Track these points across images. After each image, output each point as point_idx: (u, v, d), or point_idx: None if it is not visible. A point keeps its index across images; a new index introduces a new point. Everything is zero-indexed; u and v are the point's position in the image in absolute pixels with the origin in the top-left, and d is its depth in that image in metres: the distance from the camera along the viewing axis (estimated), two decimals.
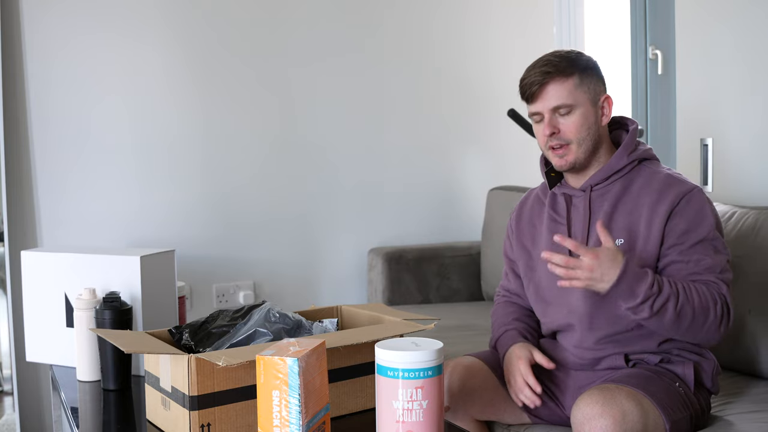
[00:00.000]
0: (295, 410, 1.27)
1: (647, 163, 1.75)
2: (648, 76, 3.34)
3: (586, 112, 1.71)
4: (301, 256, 3.17)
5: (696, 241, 1.64)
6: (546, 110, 1.71)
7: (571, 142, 1.71)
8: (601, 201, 1.74)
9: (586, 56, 1.76)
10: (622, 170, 1.74)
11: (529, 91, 1.72)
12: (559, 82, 1.69)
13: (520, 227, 1.91)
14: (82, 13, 2.80)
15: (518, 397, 1.74)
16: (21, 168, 2.77)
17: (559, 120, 1.71)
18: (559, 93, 1.70)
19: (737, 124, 2.45)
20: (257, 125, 3.08)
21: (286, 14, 3.11)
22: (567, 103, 1.69)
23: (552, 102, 1.70)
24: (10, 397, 2.92)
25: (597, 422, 1.52)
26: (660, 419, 1.57)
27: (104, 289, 1.93)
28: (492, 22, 3.44)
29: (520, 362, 1.73)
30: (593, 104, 1.72)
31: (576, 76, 1.70)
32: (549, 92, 1.70)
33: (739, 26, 2.43)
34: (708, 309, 1.58)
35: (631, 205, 1.71)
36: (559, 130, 1.71)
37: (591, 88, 1.72)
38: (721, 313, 1.60)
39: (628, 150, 1.74)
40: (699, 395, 1.70)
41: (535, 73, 1.71)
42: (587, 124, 1.71)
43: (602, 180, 1.74)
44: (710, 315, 1.58)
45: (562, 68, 1.70)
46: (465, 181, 3.42)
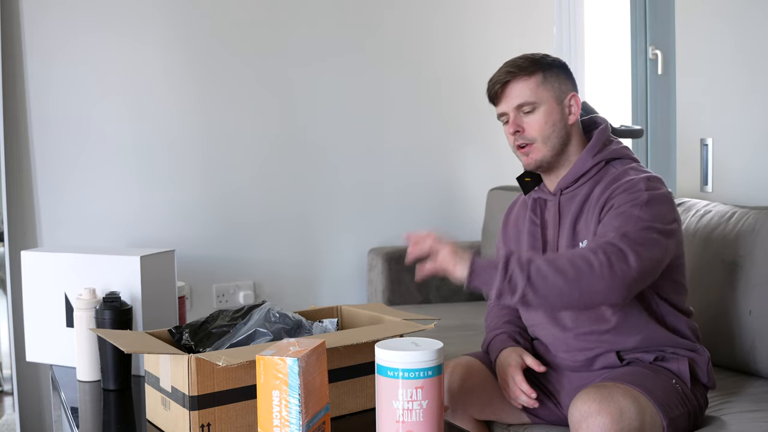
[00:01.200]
0: (295, 410, 1.27)
1: (615, 162, 1.73)
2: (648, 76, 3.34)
3: (550, 110, 1.72)
4: (301, 256, 3.17)
5: (618, 213, 1.59)
6: (510, 109, 1.73)
7: (535, 141, 1.72)
8: (570, 204, 1.74)
9: (553, 57, 1.77)
10: (588, 172, 1.73)
11: (492, 91, 1.76)
12: (521, 81, 1.72)
13: (506, 231, 1.93)
14: (82, 13, 2.80)
15: (516, 402, 1.75)
16: (21, 168, 2.77)
17: (523, 118, 1.73)
18: (522, 91, 1.72)
19: (737, 124, 2.45)
20: (257, 125, 3.08)
21: (286, 14, 3.11)
22: (529, 100, 1.71)
23: (515, 101, 1.72)
24: (10, 397, 2.92)
25: (594, 420, 1.52)
26: (657, 416, 1.57)
27: (104, 289, 1.93)
28: (492, 22, 3.44)
29: (510, 369, 1.73)
30: (558, 102, 1.73)
31: (539, 75, 1.72)
32: (512, 91, 1.73)
33: (739, 26, 2.43)
34: (587, 257, 1.49)
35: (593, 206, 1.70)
36: (524, 128, 1.72)
37: (556, 86, 1.73)
38: (606, 256, 1.48)
39: (592, 152, 1.73)
40: (696, 391, 1.70)
41: (498, 74, 1.75)
42: (551, 122, 1.72)
43: (571, 183, 1.74)
44: (594, 262, 1.48)
45: (524, 67, 1.73)
46: (465, 181, 3.42)
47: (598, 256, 1.50)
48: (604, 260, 1.49)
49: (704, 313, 2.08)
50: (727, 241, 2.08)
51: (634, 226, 1.56)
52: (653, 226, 1.57)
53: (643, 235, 1.55)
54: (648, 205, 1.59)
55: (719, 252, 2.09)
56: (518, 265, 1.48)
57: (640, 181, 1.64)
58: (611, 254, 1.50)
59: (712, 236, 2.13)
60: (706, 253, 2.13)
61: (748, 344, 2.01)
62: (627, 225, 1.56)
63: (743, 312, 2.01)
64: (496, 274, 1.47)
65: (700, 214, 2.22)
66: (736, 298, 2.03)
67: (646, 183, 1.63)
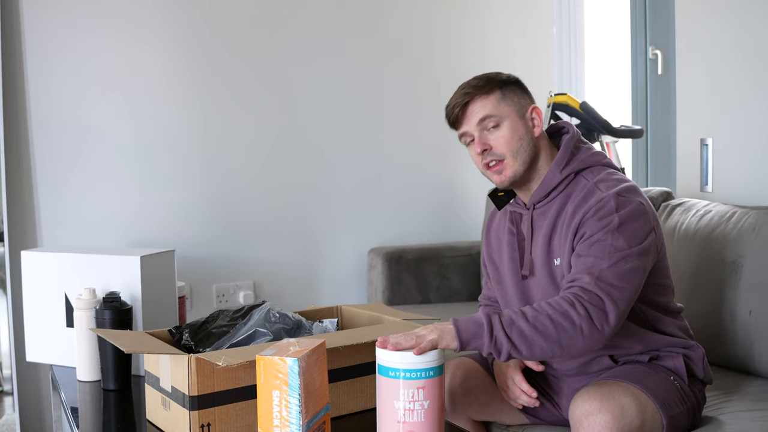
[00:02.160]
0: (295, 410, 1.27)
1: (585, 173, 1.71)
2: (648, 76, 3.34)
3: (515, 124, 1.69)
4: (301, 256, 3.17)
5: (591, 243, 1.59)
6: (473, 128, 1.70)
7: (505, 157, 1.69)
8: (542, 219, 1.72)
9: (506, 73, 1.75)
10: (558, 186, 1.70)
11: (452, 114, 1.72)
12: (480, 99, 1.70)
13: (489, 240, 1.90)
14: (82, 12, 2.80)
15: (516, 403, 1.75)
16: (21, 168, 2.76)
17: (488, 136, 1.70)
18: (483, 107, 1.69)
19: (737, 124, 2.45)
20: (257, 125, 3.08)
21: (286, 14, 3.11)
22: (492, 114, 1.69)
23: (477, 117, 1.69)
24: (10, 397, 2.92)
25: (595, 418, 1.52)
26: (658, 414, 1.57)
27: (104, 289, 1.93)
28: (492, 22, 3.44)
29: (509, 369, 1.74)
30: (520, 117, 1.71)
31: (497, 92, 1.70)
32: (473, 110, 1.70)
33: (739, 26, 2.43)
34: (567, 313, 1.50)
35: (565, 221, 1.68)
36: (491, 146, 1.69)
37: (515, 101, 1.71)
38: (585, 311, 1.50)
39: (560, 165, 1.70)
40: (693, 387, 1.71)
41: (455, 97, 1.72)
42: (518, 136, 1.69)
43: (542, 198, 1.72)
44: (574, 319, 1.49)
45: (480, 86, 1.71)
46: (465, 181, 3.42)
47: (578, 310, 1.50)
48: (584, 315, 1.50)
49: (704, 313, 2.08)
50: (727, 241, 2.08)
51: (608, 260, 1.55)
52: (628, 253, 1.56)
53: (618, 271, 1.55)
54: (620, 229, 1.58)
55: (719, 252, 2.09)
56: (501, 329, 1.48)
57: (611, 200, 1.60)
58: (590, 308, 1.50)
59: (712, 236, 2.12)
60: (706, 253, 2.13)
61: (748, 344, 2.01)
62: (601, 260, 1.55)
63: (743, 312, 2.01)
64: (482, 339, 1.48)
65: (700, 214, 2.22)
66: (736, 298, 2.03)
67: (616, 200, 1.60)
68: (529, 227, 1.74)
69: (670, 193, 2.48)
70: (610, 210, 1.59)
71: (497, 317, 1.49)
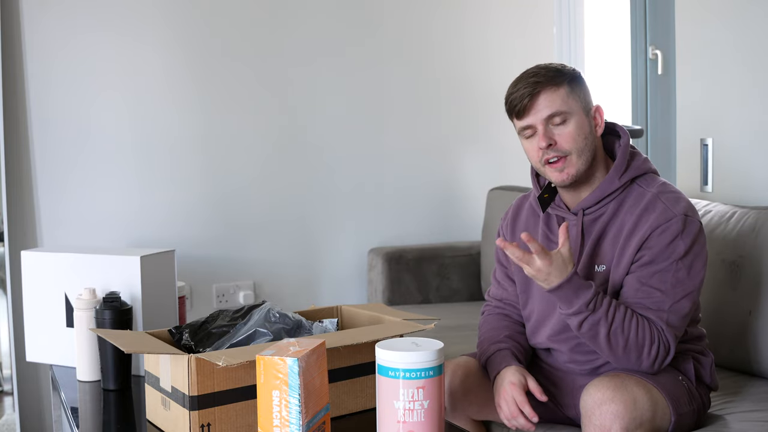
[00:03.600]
0: (295, 410, 1.27)
1: (640, 180, 1.69)
2: (648, 76, 3.34)
3: (581, 121, 1.65)
4: (301, 256, 3.17)
5: (656, 270, 1.60)
6: (539, 122, 1.63)
7: (570, 153, 1.63)
8: (593, 226, 1.69)
9: (570, 67, 1.71)
10: (614, 193, 1.68)
11: (520, 104, 1.64)
12: (551, 91, 1.63)
13: (515, 237, 1.85)
14: (82, 12, 2.80)
15: (511, 423, 1.67)
16: (21, 168, 2.76)
17: (553, 131, 1.63)
18: (553, 101, 1.63)
19: (737, 124, 2.45)
20: (257, 125, 3.08)
21: (287, 14, 3.10)
22: (562, 110, 1.63)
23: (546, 111, 1.62)
24: (10, 397, 2.92)
25: (608, 407, 1.52)
26: (668, 410, 1.57)
27: (104, 289, 1.93)
28: (492, 22, 3.44)
29: (513, 388, 1.65)
30: (586, 113, 1.67)
31: (566, 85, 1.64)
32: (541, 102, 1.62)
33: (740, 26, 2.43)
34: (643, 346, 1.58)
35: (617, 230, 1.67)
36: (555, 141, 1.63)
37: (582, 97, 1.67)
38: (656, 353, 1.59)
39: (619, 172, 1.67)
40: (700, 390, 1.71)
41: (523, 85, 1.64)
42: (583, 134, 1.65)
43: (595, 203, 1.68)
44: (644, 351, 1.58)
45: (551, 77, 1.64)
46: (465, 181, 3.42)
47: (651, 351, 1.59)
48: (653, 357, 1.59)
49: (704, 313, 2.07)
50: (727, 241, 2.08)
51: (672, 297, 1.60)
52: (689, 285, 1.62)
53: (681, 312, 1.62)
54: (684, 258, 1.61)
55: (719, 252, 2.09)
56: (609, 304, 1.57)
57: (678, 222, 1.61)
58: (661, 352, 1.60)
59: (712, 236, 2.12)
60: None
61: (748, 344, 2.01)
62: (666, 297, 1.60)
63: (743, 312, 2.01)
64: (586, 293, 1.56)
65: (700, 214, 2.22)
66: (736, 298, 2.03)
67: (683, 222, 1.61)
68: (579, 233, 1.69)
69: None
70: (676, 232, 1.61)
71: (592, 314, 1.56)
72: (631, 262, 1.63)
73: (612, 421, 1.51)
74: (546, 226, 1.77)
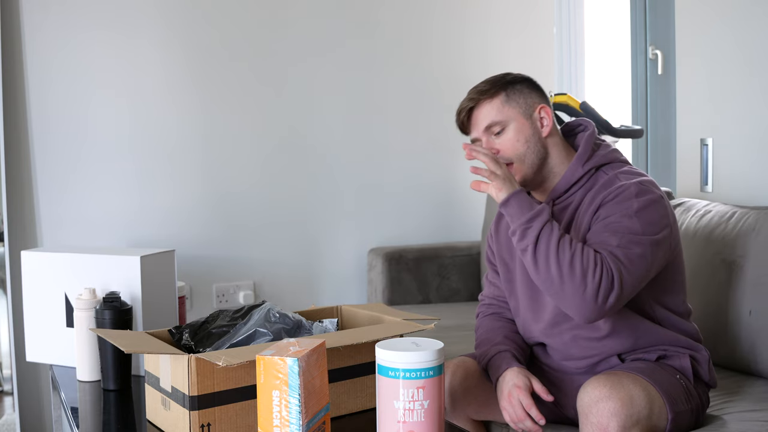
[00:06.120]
0: (295, 410, 1.27)
1: (606, 168, 1.72)
2: (648, 76, 3.34)
3: (520, 127, 1.71)
4: (301, 256, 3.17)
5: (607, 223, 1.61)
6: (480, 134, 1.74)
7: (512, 161, 1.71)
8: (563, 214, 1.73)
9: (514, 73, 1.76)
10: (579, 181, 1.72)
11: (460, 120, 1.77)
12: (485, 104, 1.72)
13: (499, 238, 1.90)
14: (82, 12, 2.80)
15: (517, 426, 1.68)
16: (21, 168, 2.76)
17: (494, 141, 1.72)
18: (488, 113, 1.72)
19: (737, 124, 2.45)
20: (258, 125, 3.09)
21: (286, 14, 3.11)
22: (496, 120, 1.71)
23: (482, 123, 1.73)
24: (10, 397, 2.92)
25: (604, 404, 1.52)
26: (664, 408, 1.58)
27: (104, 289, 1.92)
28: (492, 22, 3.44)
29: (519, 392, 1.65)
30: (527, 117, 1.72)
31: (502, 95, 1.72)
32: (478, 116, 1.73)
33: (740, 26, 2.43)
34: (587, 269, 1.53)
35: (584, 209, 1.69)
36: (497, 150, 1.71)
37: (521, 102, 1.73)
38: (600, 278, 1.53)
39: (582, 160, 1.72)
40: (698, 388, 1.71)
41: (462, 103, 1.76)
42: (523, 139, 1.71)
43: (562, 193, 1.73)
44: (588, 275, 1.53)
45: (484, 90, 1.73)
46: (465, 181, 3.41)
47: (595, 273, 1.54)
48: (596, 281, 1.54)
49: (704, 313, 2.07)
50: (727, 241, 2.08)
51: (619, 239, 1.58)
52: (640, 239, 1.59)
53: (628, 253, 1.57)
54: (638, 214, 1.60)
55: (719, 252, 2.09)
56: (541, 225, 1.58)
57: (631, 186, 1.63)
58: (604, 277, 1.54)
59: (712, 236, 2.12)
60: (706, 253, 2.13)
61: (748, 344, 2.01)
62: (616, 237, 1.58)
63: (743, 312, 2.01)
64: (521, 217, 1.59)
65: (700, 214, 2.22)
66: (736, 298, 2.03)
67: (638, 188, 1.63)
68: None
69: (670, 193, 2.47)
70: (630, 195, 1.62)
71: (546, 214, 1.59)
72: (588, 228, 1.66)
73: (609, 419, 1.52)
74: None
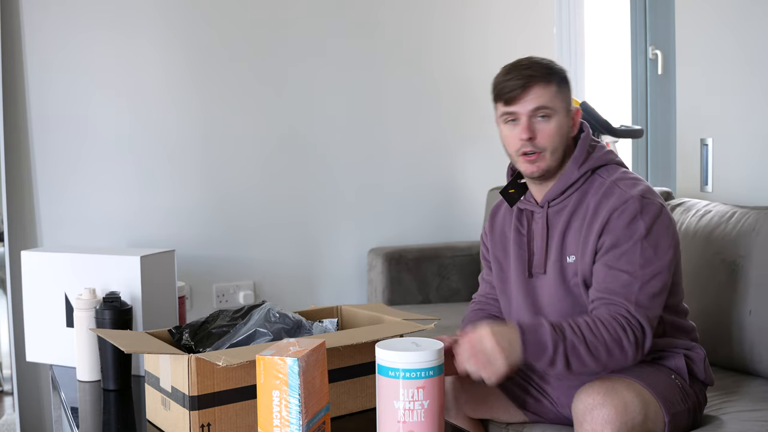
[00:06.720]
0: (295, 410, 1.27)
1: (601, 171, 1.72)
2: (648, 76, 3.34)
3: (562, 121, 1.69)
4: (301, 256, 3.17)
5: (621, 253, 1.61)
6: (525, 112, 1.67)
7: (545, 150, 1.68)
8: (558, 217, 1.72)
9: (559, 66, 1.75)
10: (575, 183, 1.71)
11: (510, 93, 1.68)
12: (542, 86, 1.67)
13: (493, 237, 1.89)
14: (82, 12, 2.80)
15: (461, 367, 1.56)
16: (21, 168, 2.76)
17: (536, 125, 1.67)
18: (542, 96, 1.67)
19: (737, 124, 2.45)
20: (258, 125, 3.08)
21: (286, 14, 3.11)
22: (548, 105, 1.67)
23: (533, 103, 1.66)
24: (10, 397, 2.92)
25: (598, 412, 1.52)
26: (660, 411, 1.57)
27: (104, 289, 1.93)
28: (492, 22, 3.44)
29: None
30: (566, 114, 1.71)
31: (555, 84, 1.69)
32: (531, 94, 1.67)
33: (739, 26, 2.43)
34: (621, 339, 1.55)
35: (580, 220, 1.69)
36: (536, 135, 1.67)
37: (566, 98, 1.71)
38: (634, 338, 1.55)
39: (578, 162, 1.71)
40: (695, 387, 1.71)
41: (516, 75, 1.68)
42: (561, 133, 1.69)
43: (558, 195, 1.72)
44: (623, 343, 1.55)
45: (544, 74, 1.69)
46: (465, 181, 3.42)
47: (629, 337, 1.55)
48: (633, 342, 1.55)
49: (704, 313, 2.08)
50: (727, 241, 2.08)
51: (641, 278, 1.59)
52: (658, 265, 1.60)
53: (651, 292, 1.59)
54: (648, 238, 1.60)
55: (719, 252, 2.09)
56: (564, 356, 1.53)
57: (635, 202, 1.62)
58: (638, 334, 1.56)
59: (712, 236, 2.13)
60: (706, 253, 2.13)
61: (748, 344, 2.01)
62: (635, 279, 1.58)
63: (743, 312, 2.01)
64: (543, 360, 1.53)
65: (700, 214, 2.22)
66: (736, 298, 2.03)
67: (640, 203, 1.62)
68: (544, 224, 1.73)
69: (670, 193, 2.48)
70: (634, 212, 1.61)
71: (562, 344, 1.52)
72: (596, 250, 1.64)
73: (603, 427, 1.51)
74: (517, 220, 1.81)
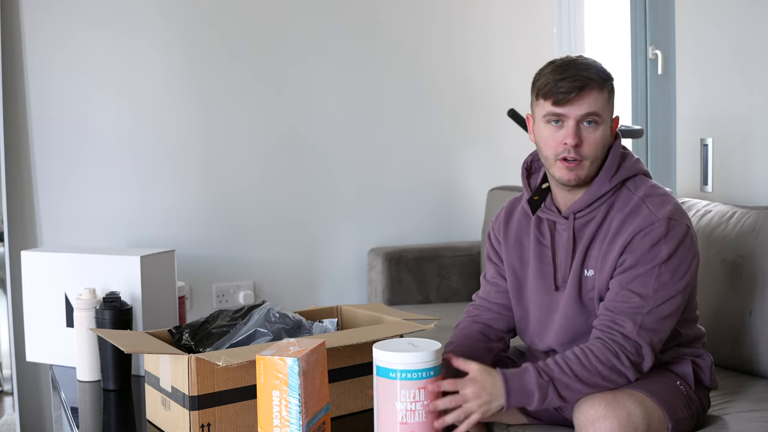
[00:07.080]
0: (295, 410, 1.27)
1: (629, 183, 1.67)
2: (648, 76, 3.34)
3: (606, 130, 1.63)
4: (301, 256, 3.17)
5: (638, 274, 1.58)
6: (575, 116, 1.58)
7: (586, 159, 1.60)
8: (584, 230, 1.67)
9: (610, 71, 1.67)
10: (604, 196, 1.65)
11: (564, 94, 1.57)
12: (597, 91, 1.59)
13: (507, 243, 1.82)
14: (82, 12, 2.80)
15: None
16: (21, 168, 2.76)
17: (583, 132, 1.59)
18: (596, 102, 1.58)
19: (737, 124, 2.45)
20: (258, 125, 3.08)
21: (286, 14, 3.10)
22: (599, 112, 1.59)
23: (586, 108, 1.58)
24: (10, 397, 2.92)
25: (601, 424, 1.51)
26: (663, 419, 1.56)
27: (104, 289, 1.93)
28: (492, 22, 3.44)
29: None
30: (609, 123, 1.65)
31: (608, 91, 1.63)
32: (586, 99, 1.58)
33: (739, 26, 2.43)
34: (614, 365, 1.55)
35: (604, 234, 1.65)
36: (582, 143, 1.59)
37: (612, 108, 1.65)
38: (629, 361, 1.55)
39: (609, 174, 1.65)
40: (699, 392, 1.70)
41: (573, 76, 1.58)
42: (604, 142, 1.63)
43: (585, 206, 1.66)
44: (619, 368, 1.55)
45: (600, 79, 1.60)
46: (465, 181, 3.42)
47: (623, 362, 1.55)
48: (628, 365, 1.55)
49: (704, 313, 2.07)
50: (727, 241, 2.08)
51: (652, 301, 1.57)
52: (671, 292, 1.58)
53: (660, 314, 1.58)
54: (668, 263, 1.58)
55: (719, 252, 2.09)
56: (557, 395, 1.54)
57: (661, 225, 1.58)
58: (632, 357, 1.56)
59: (712, 236, 2.12)
60: (706, 253, 2.13)
61: (748, 344, 2.01)
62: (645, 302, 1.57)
63: (743, 312, 2.01)
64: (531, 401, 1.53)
65: (700, 214, 2.22)
66: (736, 298, 2.03)
67: (666, 226, 1.58)
68: (570, 237, 1.67)
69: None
70: (659, 236, 1.58)
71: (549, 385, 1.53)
72: (615, 267, 1.61)
73: None
74: (537, 229, 1.75)
